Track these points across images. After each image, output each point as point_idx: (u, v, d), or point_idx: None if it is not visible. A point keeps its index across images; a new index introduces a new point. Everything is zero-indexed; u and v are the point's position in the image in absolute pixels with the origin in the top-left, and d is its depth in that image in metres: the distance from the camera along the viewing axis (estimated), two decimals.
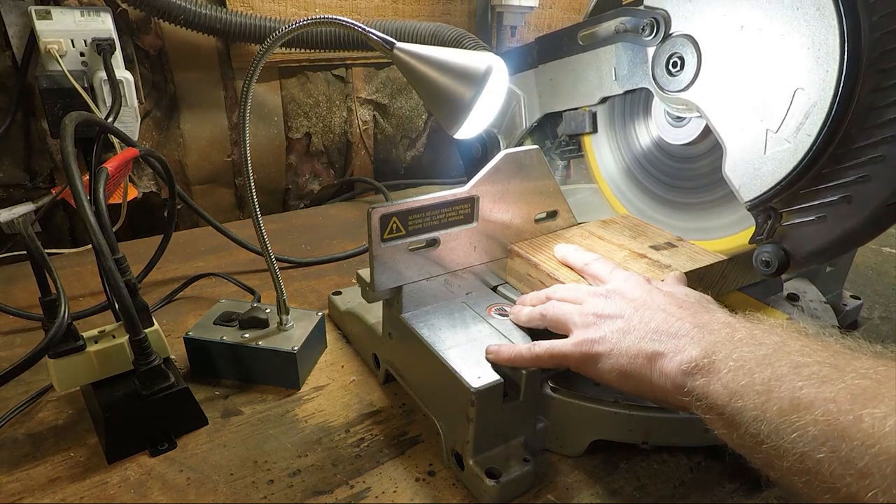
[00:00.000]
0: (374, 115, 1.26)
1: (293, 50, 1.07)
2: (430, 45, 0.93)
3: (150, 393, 0.52)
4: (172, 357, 0.58)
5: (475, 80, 0.51)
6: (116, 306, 0.58)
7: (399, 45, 0.52)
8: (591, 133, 0.78)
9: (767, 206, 0.53)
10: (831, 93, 0.47)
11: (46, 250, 0.48)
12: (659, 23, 0.58)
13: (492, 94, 0.54)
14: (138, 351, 0.51)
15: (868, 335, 0.73)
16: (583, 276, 0.57)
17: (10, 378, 0.44)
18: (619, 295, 0.49)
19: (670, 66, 0.58)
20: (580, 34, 0.69)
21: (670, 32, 0.58)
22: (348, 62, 1.17)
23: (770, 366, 0.36)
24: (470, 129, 0.55)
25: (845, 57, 0.46)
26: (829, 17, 0.46)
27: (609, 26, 0.65)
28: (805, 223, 0.51)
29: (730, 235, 0.63)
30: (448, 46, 0.91)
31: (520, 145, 0.78)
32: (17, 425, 0.56)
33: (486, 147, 0.92)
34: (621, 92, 0.66)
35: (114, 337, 0.54)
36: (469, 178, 0.56)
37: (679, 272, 0.56)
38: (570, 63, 0.72)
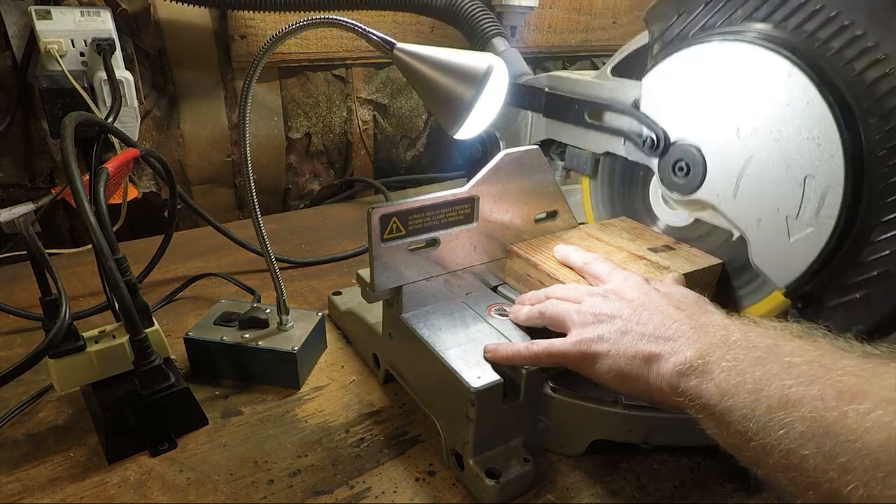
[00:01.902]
0: (374, 115, 1.26)
1: (293, 49, 1.07)
2: (445, 12, 0.95)
3: (150, 393, 0.52)
4: (172, 357, 0.58)
5: (475, 80, 0.51)
6: (116, 306, 0.58)
7: (399, 45, 0.52)
8: (590, 177, 0.77)
9: (806, 292, 0.52)
10: (842, 174, 0.46)
11: (46, 250, 0.48)
12: (659, 138, 0.59)
13: (492, 94, 0.54)
14: (138, 351, 0.51)
15: None
16: (582, 276, 0.57)
17: (11, 378, 0.44)
18: (618, 295, 0.49)
19: (676, 171, 0.59)
20: (588, 111, 0.69)
21: (672, 142, 0.59)
22: (348, 62, 1.17)
23: (762, 366, 0.36)
24: (470, 129, 0.55)
25: (846, 140, 0.46)
26: (819, 107, 0.46)
27: (615, 119, 0.66)
28: (849, 302, 0.50)
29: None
30: (462, 16, 0.94)
31: None
32: (17, 425, 0.56)
33: (486, 147, 0.92)
34: (628, 158, 0.66)
35: (114, 337, 0.54)
36: (469, 177, 0.56)
37: (677, 273, 0.56)
38: None
